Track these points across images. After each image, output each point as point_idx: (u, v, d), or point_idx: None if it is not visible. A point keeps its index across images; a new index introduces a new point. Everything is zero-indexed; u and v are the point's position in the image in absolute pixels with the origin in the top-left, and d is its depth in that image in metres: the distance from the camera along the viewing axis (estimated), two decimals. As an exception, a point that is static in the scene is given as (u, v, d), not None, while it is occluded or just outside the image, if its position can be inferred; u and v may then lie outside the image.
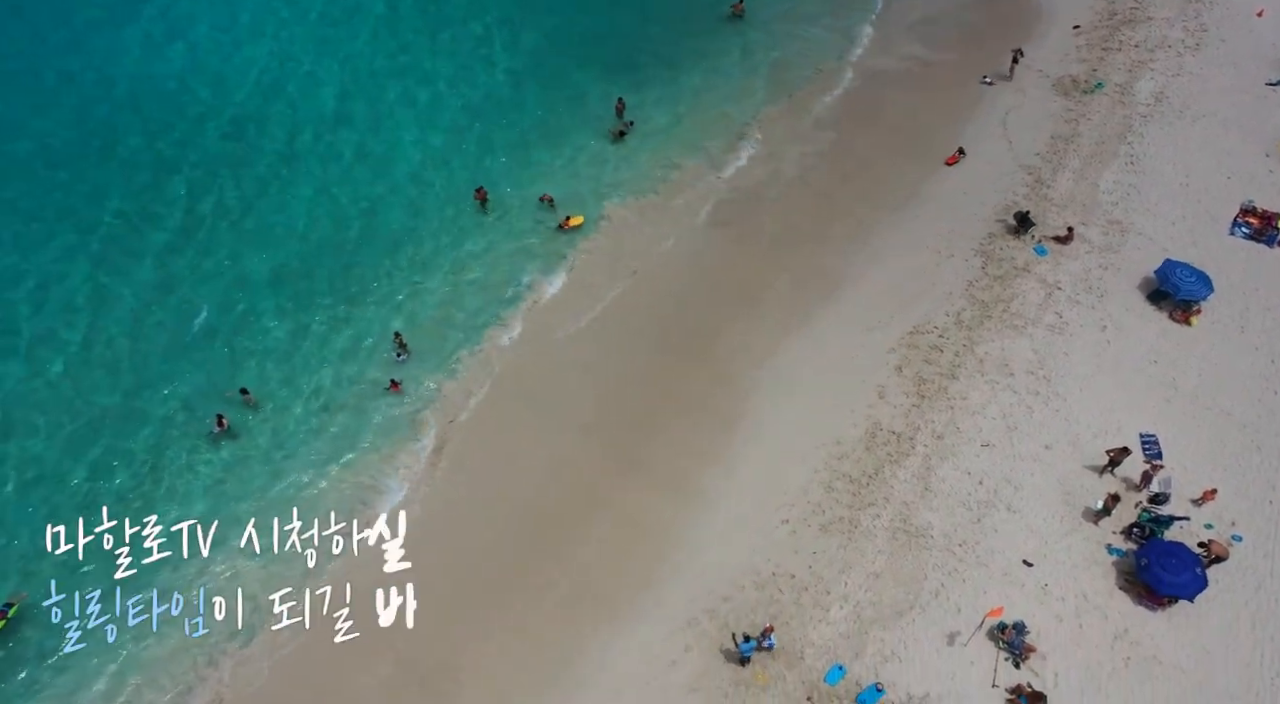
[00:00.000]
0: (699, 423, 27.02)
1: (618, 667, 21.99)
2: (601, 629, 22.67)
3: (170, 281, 30.35)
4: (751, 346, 28.90)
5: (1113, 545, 23.51)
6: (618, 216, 33.20)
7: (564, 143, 35.62)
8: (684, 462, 26.08)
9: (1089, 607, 22.46)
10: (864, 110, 37.69)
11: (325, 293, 30.28)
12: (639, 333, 29.52)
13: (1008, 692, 20.99)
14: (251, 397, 26.94)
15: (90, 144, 34.27)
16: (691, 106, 37.49)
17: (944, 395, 27.17)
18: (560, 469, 26.06)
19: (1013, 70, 38.31)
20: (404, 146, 35.42)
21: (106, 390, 27.46)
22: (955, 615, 22.32)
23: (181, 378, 27.78)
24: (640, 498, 25.33)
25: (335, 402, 27.59)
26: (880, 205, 33.56)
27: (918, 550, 23.67)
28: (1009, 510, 24.31)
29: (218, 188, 33.28)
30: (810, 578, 23.37)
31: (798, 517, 24.70)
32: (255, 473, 25.79)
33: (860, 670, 21.54)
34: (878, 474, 25.43)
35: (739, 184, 34.69)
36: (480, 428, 27.16)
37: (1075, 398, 26.77)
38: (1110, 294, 29.58)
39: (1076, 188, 33.50)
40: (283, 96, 36.95)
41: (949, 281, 30.61)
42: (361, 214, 32.91)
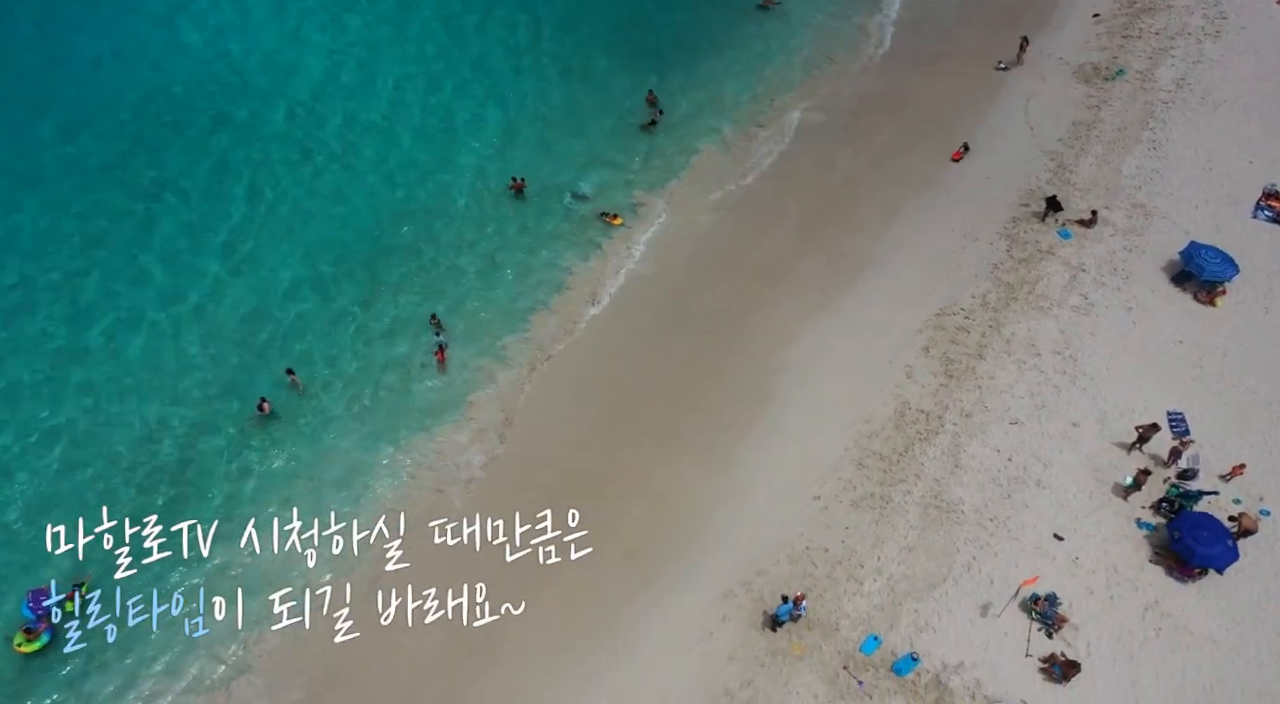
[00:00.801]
0: (730, 401, 27.40)
1: (657, 635, 22.38)
2: (640, 599, 23.08)
3: (209, 266, 30.78)
4: (780, 327, 29.27)
5: (1142, 519, 23.85)
6: (649, 204, 33.60)
7: (595, 132, 35.91)
8: (717, 439, 26.46)
9: (1120, 579, 22.82)
10: (886, 98, 38.02)
11: (365, 278, 30.58)
12: (672, 315, 29.89)
13: (1041, 661, 21.35)
14: (298, 379, 27.22)
15: (144, 132, 34.82)
16: (716, 95, 37.86)
17: (972, 375, 27.52)
18: (598, 443, 26.51)
19: (1021, 57, 38.58)
20: (441, 137, 35.64)
21: (154, 373, 27.85)
22: (988, 587, 22.69)
23: (224, 361, 28.17)
24: (675, 473, 25.71)
25: (382, 383, 27.88)
26: (905, 191, 33.86)
27: (949, 525, 24.04)
28: (1039, 486, 24.66)
29: (252, 173, 33.83)
30: (844, 552, 23.76)
31: (829, 493, 25.08)
32: (303, 455, 26.10)
33: (895, 641, 21.92)
34: (908, 451, 25.80)
35: (765, 171, 35.09)
36: (527, 406, 27.59)
37: (1102, 377, 27.10)
38: (1135, 276, 29.90)
39: (1099, 173, 33.80)
40: (316, 89, 37.38)
41: (974, 264, 30.96)
42: (400, 202, 33.27)
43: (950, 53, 40.35)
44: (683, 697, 21.45)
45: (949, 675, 21.18)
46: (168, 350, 28.38)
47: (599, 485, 25.25)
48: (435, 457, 26.27)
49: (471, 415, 27.24)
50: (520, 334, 29.35)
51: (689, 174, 34.81)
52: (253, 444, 26.23)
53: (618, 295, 30.73)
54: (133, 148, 34.15)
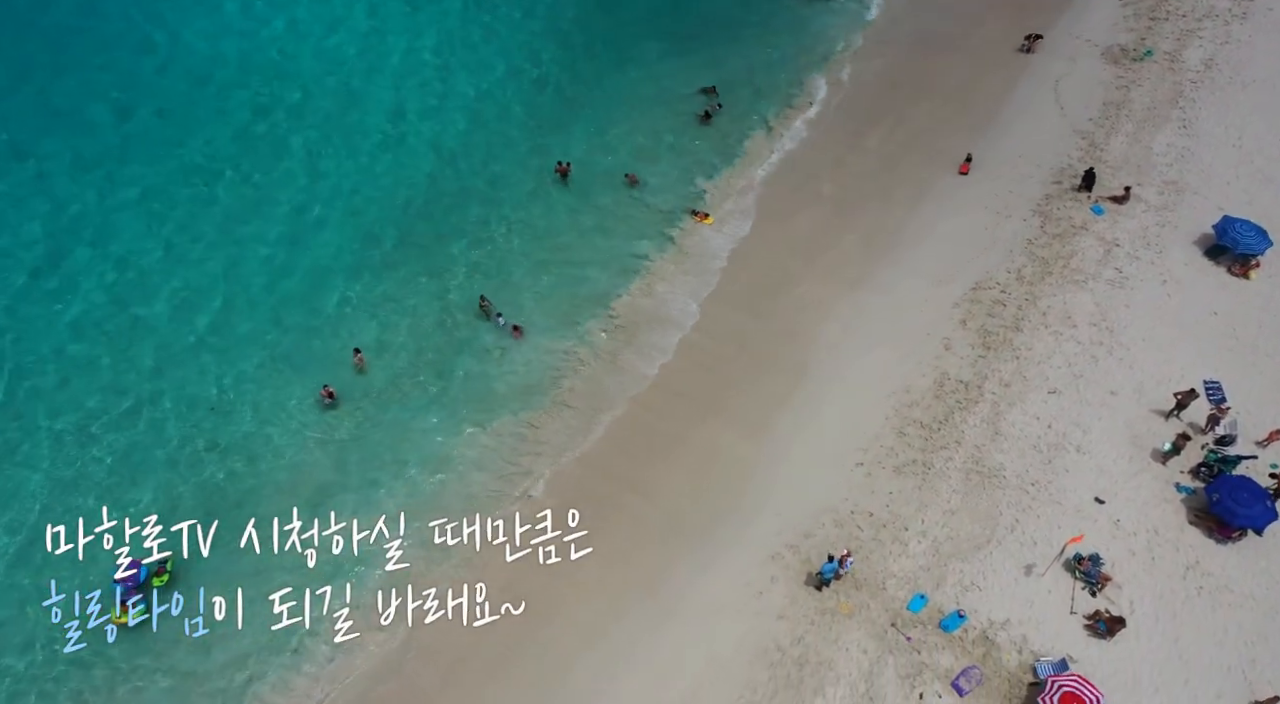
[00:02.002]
0: (772, 372, 27.90)
1: (708, 594, 22.94)
2: (690, 560, 23.62)
3: (268, 247, 31.33)
4: (819, 301, 29.79)
5: (1181, 484, 24.32)
6: (705, 191, 34.11)
7: (650, 121, 36.28)
8: (761, 408, 26.96)
9: (1160, 540, 23.30)
10: (915, 80, 38.41)
11: (422, 259, 31.01)
12: (712, 290, 30.48)
13: (1085, 618, 21.86)
14: (363, 358, 27.47)
15: (199, 113, 35.63)
16: (750, 78, 38.38)
17: (1009, 346, 28.01)
18: (646, 412, 27.15)
19: (1032, 47, 39.04)
20: (494, 121, 36.28)
21: (220, 356, 28.25)
22: (1031, 548, 23.21)
23: (285, 342, 28.60)
24: (720, 440, 26.27)
25: (446, 367, 28.11)
26: (936, 170, 34.31)
27: (991, 489, 24.56)
28: (1078, 452, 25.16)
29: (309, 155, 34.53)
30: (888, 515, 24.31)
31: (872, 459, 25.62)
32: (379, 441, 26.24)
33: (941, 599, 22.47)
34: (948, 420, 26.32)
35: (797, 151, 35.57)
36: (576, 382, 28.06)
37: (1138, 347, 27.56)
38: (1168, 250, 30.34)
39: (1130, 151, 34.21)
40: (369, 71, 38.12)
41: (1009, 240, 31.43)
42: (456, 184, 33.72)
43: (978, 35, 40.73)
44: (734, 653, 22.01)
45: (996, 631, 21.72)
46: (234, 329, 28.87)
47: (646, 453, 25.86)
48: (516, 441, 26.46)
49: (555, 396, 27.59)
50: (567, 312, 29.80)
51: (742, 161, 35.14)
52: (314, 432, 26.46)
53: (657, 276, 31.26)
54: (190, 127, 34.90)
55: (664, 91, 37.56)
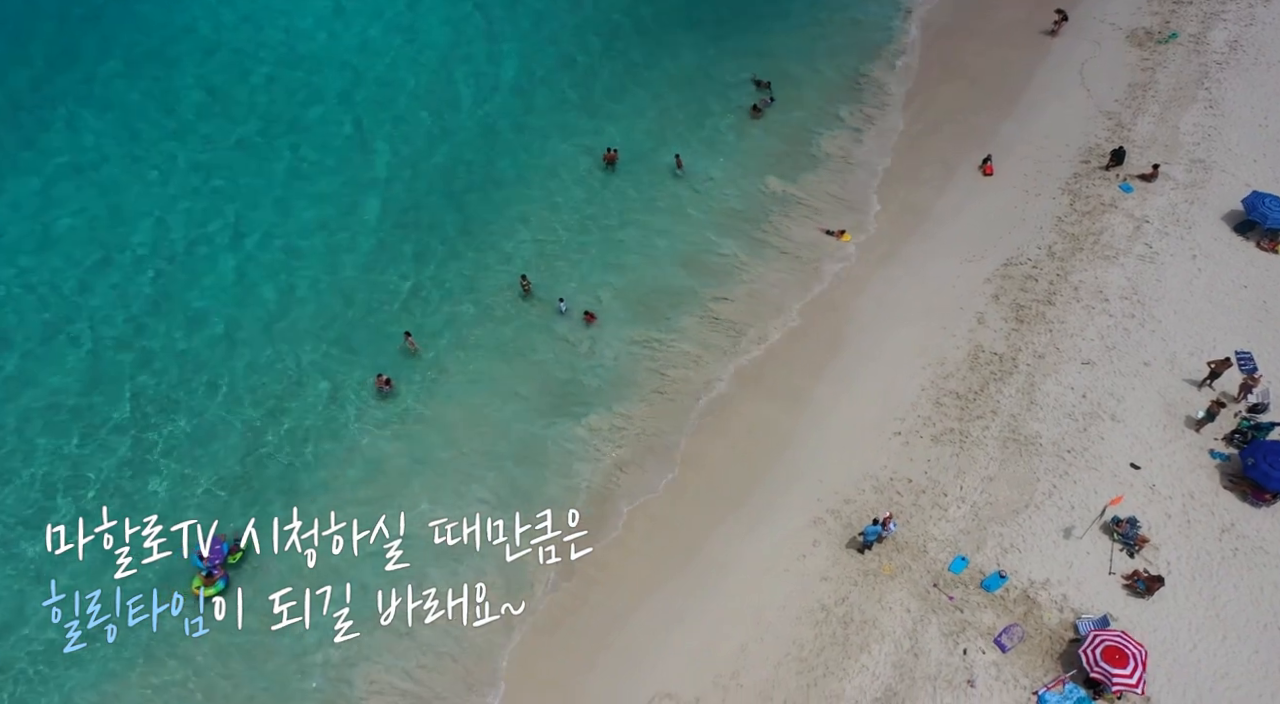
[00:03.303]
0: (808, 345, 28.52)
1: (752, 557, 23.57)
2: (733, 524, 24.28)
3: (321, 231, 32.04)
4: (853, 277, 30.37)
5: (1215, 450, 24.79)
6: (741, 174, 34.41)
7: (696, 109, 36.63)
8: (798, 379, 27.59)
9: (1196, 504, 23.79)
10: (942, 64, 38.82)
11: (468, 246, 31.46)
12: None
13: (1124, 578, 22.38)
14: (414, 341, 27.87)
15: (274, 103, 36.50)
16: (798, 66, 38.79)
17: (1042, 320, 28.51)
18: (689, 382, 27.81)
19: (1056, 29, 39.50)
20: (553, 107, 36.89)
21: (283, 340, 28.78)
22: (1069, 512, 23.74)
23: (334, 330, 29.02)
24: (760, 409, 26.89)
25: (511, 350, 28.50)
26: (966, 150, 34.76)
27: (1028, 457, 25.08)
28: (1113, 420, 25.66)
29: (374, 143, 35.13)
30: (927, 482, 24.86)
31: (909, 429, 26.17)
32: (429, 435, 26.49)
33: (982, 561, 23.02)
34: (983, 390, 26.85)
35: (841, 138, 36.14)
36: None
37: (1170, 320, 28.03)
38: (1197, 225, 30.77)
39: (1157, 130, 34.61)
40: (393, 59, 38.80)
41: (1038, 218, 31.90)
42: (515, 172, 34.28)
43: (1000, 19, 41.14)
44: (779, 613, 22.62)
45: (1036, 591, 22.27)
46: (301, 312, 29.47)
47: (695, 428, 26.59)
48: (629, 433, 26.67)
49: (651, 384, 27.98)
50: (604, 287, 30.44)
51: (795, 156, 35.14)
52: (370, 421, 26.79)
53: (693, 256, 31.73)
54: (245, 113, 35.94)
55: (714, 81, 37.82)
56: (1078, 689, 20.43)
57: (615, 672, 21.77)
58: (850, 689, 21.05)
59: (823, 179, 34.01)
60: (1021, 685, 20.76)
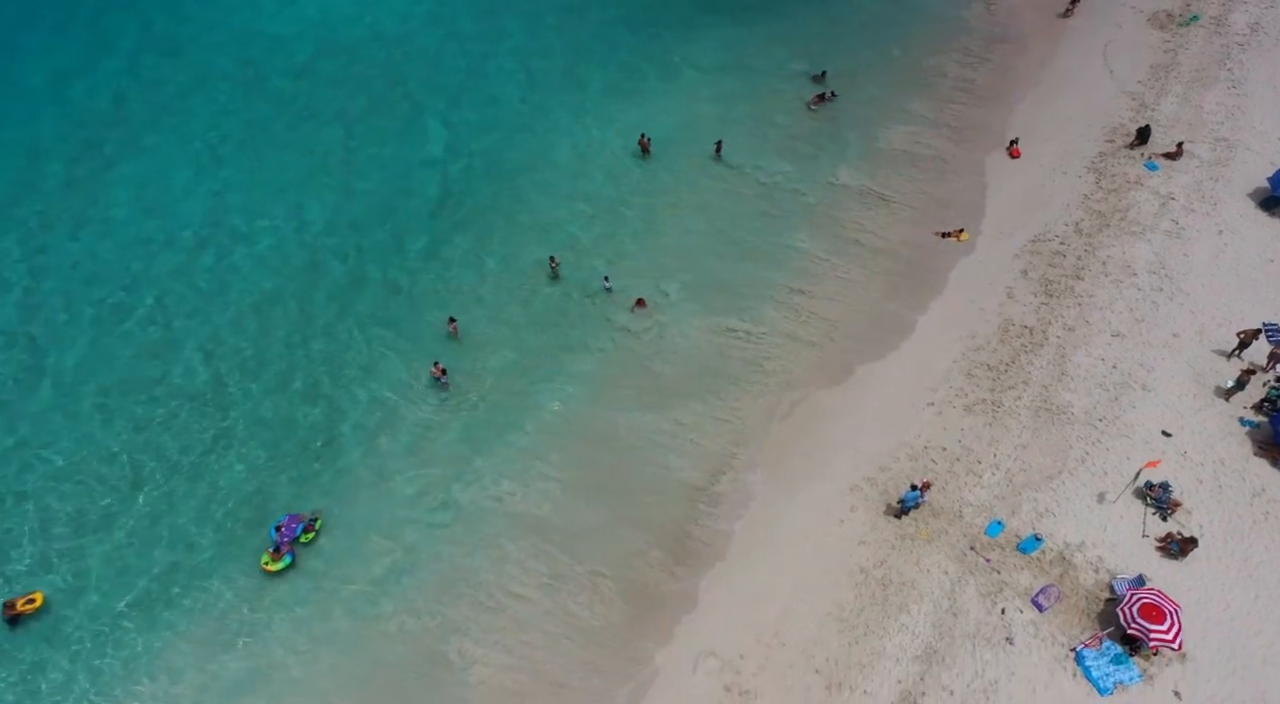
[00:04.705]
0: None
1: (792, 522, 24.10)
2: (773, 493, 24.79)
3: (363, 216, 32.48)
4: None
5: (1245, 418, 25.23)
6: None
7: (752, 99, 36.90)
8: (837, 353, 28.08)
9: (1227, 470, 24.24)
10: (966, 52, 39.31)
11: (506, 228, 31.96)
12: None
13: (1157, 540, 22.85)
14: (457, 326, 28.11)
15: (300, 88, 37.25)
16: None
17: (1071, 294, 28.98)
18: (726, 353, 28.35)
19: (1071, 9, 40.00)
20: (574, 92, 37.42)
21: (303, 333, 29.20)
22: (1102, 478, 24.20)
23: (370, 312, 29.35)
24: (809, 388, 27.35)
25: (557, 335, 28.65)
26: (990, 133, 35.25)
27: (1060, 425, 25.56)
28: (1144, 390, 26.12)
29: (429, 131, 35.64)
30: (960, 450, 25.35)
31: (942, 399, 26.67)
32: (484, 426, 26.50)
33: (1017, 525, 23.51)
34: (1014, 362, 27.33)
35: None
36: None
37: (1198, 293, 28.48)
38: (1223, 202, 31.19)
39: (1181, 111, 35.04)
40: (429, 42, 39.48)
41: (1064, 196, 32.36)
42: (534, 154, 34.79)
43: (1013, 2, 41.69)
44: (819, 576, 23.11)
45: (1072, 553, 22.74)
46: (358, 298, 29.76)
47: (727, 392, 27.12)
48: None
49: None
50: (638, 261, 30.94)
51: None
52: (427, 407, 26.93)
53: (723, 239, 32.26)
54: (295, 93, 36.80)
55: (762, 71, 38.02)
56: (1114, 646, 20.90)
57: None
58: (890, 647, 21.54)
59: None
60: (1059, 643, 21.24)
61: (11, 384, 26.75)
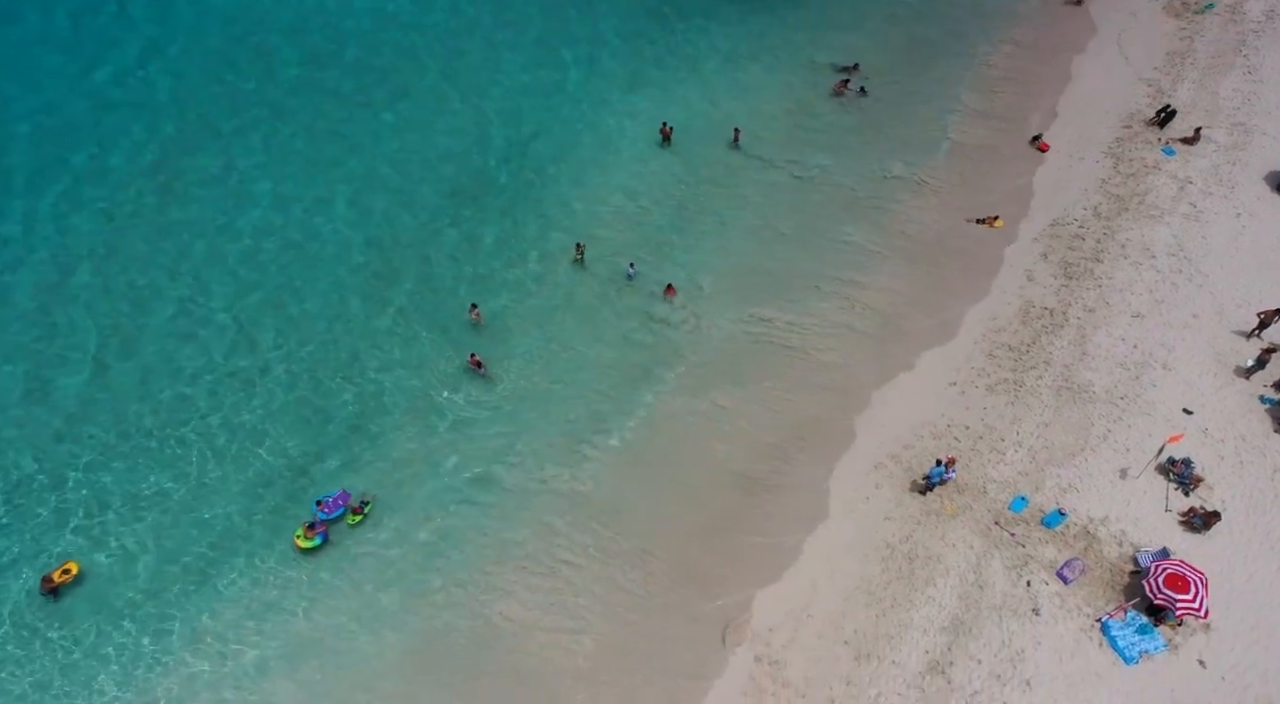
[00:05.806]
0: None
1: (819, 500, 24.43)
2: (800, 469, 25.16)
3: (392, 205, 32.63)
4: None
5: (1265, 396, 25.55)
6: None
7: (782, 92, 36.95)
8: (860, 336, 28.44)
9: (1248, 446, 24.57)
10: (983, 41, 39.60)
11: (529, 215, 32.08)
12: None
13: (1180, 514, 23.18)
14: (479, 312, 28.21)
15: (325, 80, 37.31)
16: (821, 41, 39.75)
17: (1090, 276, 29.30)
18: (761, 340, 28.60)
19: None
20: (597, 85, 37.46)
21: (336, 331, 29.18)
22: (1124, 454, 24.55)
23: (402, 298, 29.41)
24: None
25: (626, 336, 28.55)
26: (1010, 118, 35.55)
27: (1082, 403, 25.90)
28: (1164, 369, 26.44)
29: (460, 117, 35.85)
30: (983, 428, 25.70)
31: (964, 380, 27.01)
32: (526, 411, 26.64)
33: (1041, 500, 23.85)
34: (1035, 342, 27.67)
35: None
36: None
37: (1217, 275, 28.79)
38: (1241, 186, 31.49)
39: (1198, 96, 35.31)
40: (453, 31, 39.76)
41: (1083, 180, 32.68)
42: (562, 142, 34.95)
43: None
44: (846, 551, 23.48)
45: (1096, 527, 23.09)
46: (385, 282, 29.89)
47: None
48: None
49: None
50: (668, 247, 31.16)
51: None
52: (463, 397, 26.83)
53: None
54: (326, 82, 37.00)
55: (789, 60, 38.13)
56: (1139, 616, 21.25)
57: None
58: (918, 619, 21.91)
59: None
60: (1085, 614, 21.60)
61: (56, 362, 27.05)
